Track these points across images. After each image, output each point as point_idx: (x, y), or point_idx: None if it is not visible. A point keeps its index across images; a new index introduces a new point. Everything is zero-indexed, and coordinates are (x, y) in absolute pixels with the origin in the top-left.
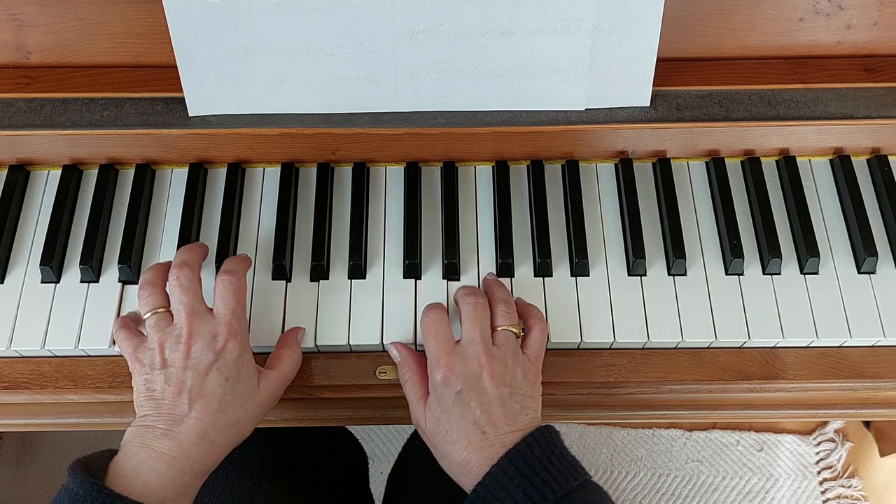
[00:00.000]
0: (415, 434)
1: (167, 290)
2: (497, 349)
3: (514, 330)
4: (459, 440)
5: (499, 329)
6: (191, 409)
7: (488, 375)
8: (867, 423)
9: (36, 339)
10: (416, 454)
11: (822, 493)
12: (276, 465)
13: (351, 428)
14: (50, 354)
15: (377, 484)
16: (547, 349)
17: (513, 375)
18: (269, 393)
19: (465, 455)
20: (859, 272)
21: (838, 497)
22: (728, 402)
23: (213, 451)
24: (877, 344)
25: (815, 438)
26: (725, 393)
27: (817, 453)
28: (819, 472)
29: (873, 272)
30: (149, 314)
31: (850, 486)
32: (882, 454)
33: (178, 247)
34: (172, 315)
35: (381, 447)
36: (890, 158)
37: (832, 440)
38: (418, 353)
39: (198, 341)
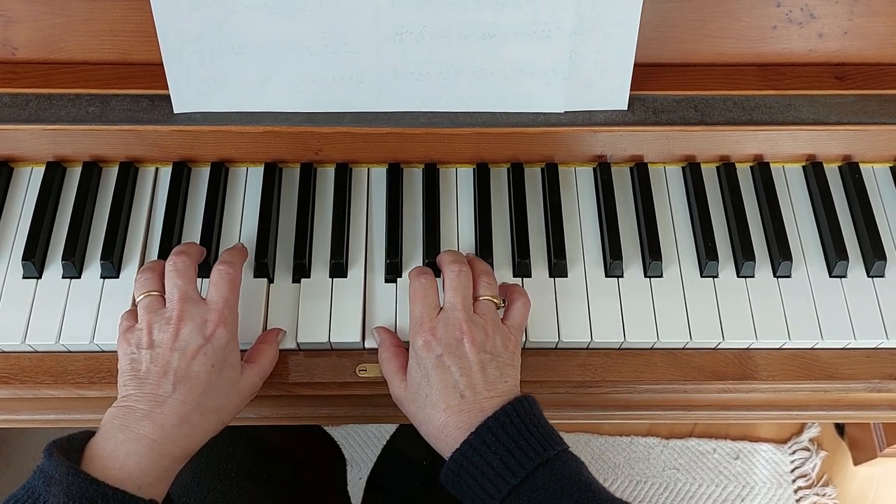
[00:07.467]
0: (393, 437)
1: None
2: (478, 317)
3: (496, 301)
4: (438, 403)
5: (481, 299)
6: (174, 391)
7: (469, 341)
8: (841, 432)
9: (17, 335)
10: (395, 457)
11: (797, 501)
12: (255, 465)
13: (330, 432)
14: (31, 349)
15: (356, 490)
16: (525, 349)
17: (493, 343)
18: (251, 385)
19: (444, 418)
20: (831, 276)
21: None
22: (702, 402)
23: (193, 435)
24: (847, 346)
25: (790, 447)
26: (700, 393)
27: (792, 462)
28: (794, 481)
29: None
30: (142, 296)
31: (824, 495)
32: (856, 463)
33: (161, 244)
34: (165, 301)
35: (360, 452)
36: (861, 166)
37: (807, 449)
38: (397, 337)
39: (188, 324)
